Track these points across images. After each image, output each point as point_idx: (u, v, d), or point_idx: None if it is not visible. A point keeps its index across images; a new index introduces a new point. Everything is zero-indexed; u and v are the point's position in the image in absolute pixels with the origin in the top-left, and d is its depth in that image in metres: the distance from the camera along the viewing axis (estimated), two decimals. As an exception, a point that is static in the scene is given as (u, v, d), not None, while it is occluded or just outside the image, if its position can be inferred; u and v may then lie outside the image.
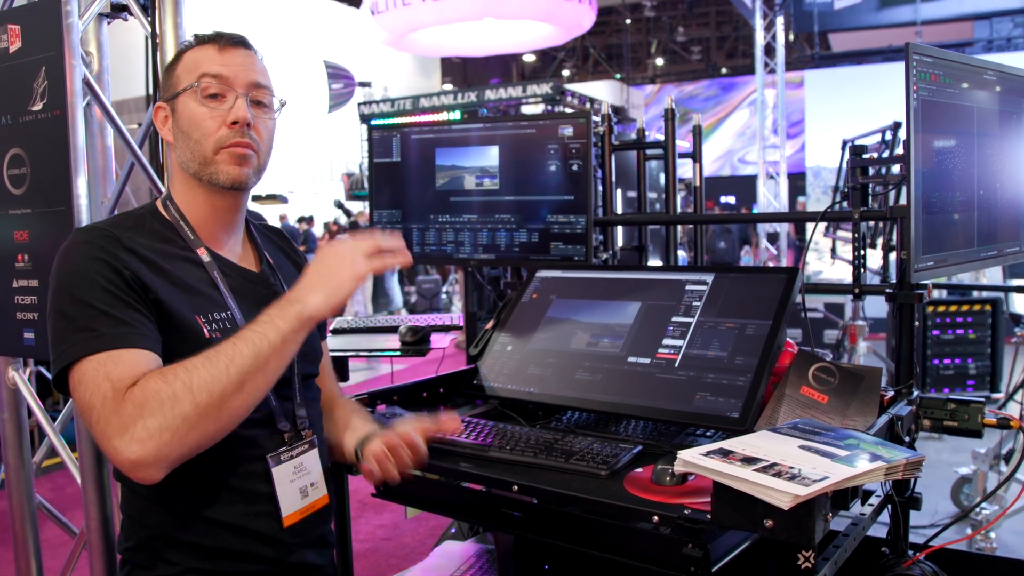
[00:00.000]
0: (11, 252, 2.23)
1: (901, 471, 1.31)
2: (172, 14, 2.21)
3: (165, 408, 1.25)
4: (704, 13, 29.66)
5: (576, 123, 2.28)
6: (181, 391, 1.26)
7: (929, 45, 1.88)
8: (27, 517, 2.50)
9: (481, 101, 13.99)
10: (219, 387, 1.28)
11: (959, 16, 17.08)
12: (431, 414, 1.65)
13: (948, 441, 5.36)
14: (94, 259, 1.38)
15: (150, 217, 1.54)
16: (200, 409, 1.27)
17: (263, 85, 1.55)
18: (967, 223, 2.04)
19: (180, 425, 1.26)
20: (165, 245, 1.50)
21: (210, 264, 1.52)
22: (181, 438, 1.26)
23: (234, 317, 1.50)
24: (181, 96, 1.51)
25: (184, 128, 1.51)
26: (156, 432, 1.25)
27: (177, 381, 1.27)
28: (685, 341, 1.80)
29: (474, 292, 2.98)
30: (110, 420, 1.26)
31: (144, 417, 1.25)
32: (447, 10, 12.22)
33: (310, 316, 1.38)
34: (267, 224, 1.80)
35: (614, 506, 1.42)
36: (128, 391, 1.27)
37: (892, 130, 4.56)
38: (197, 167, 1.51)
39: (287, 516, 1.52)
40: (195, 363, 1.30)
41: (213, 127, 1.49)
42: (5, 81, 2.21)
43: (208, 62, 1.51)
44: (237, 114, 1.49)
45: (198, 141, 1.50)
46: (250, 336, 1.34)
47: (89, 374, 1.30)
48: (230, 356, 1.31)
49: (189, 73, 1.51)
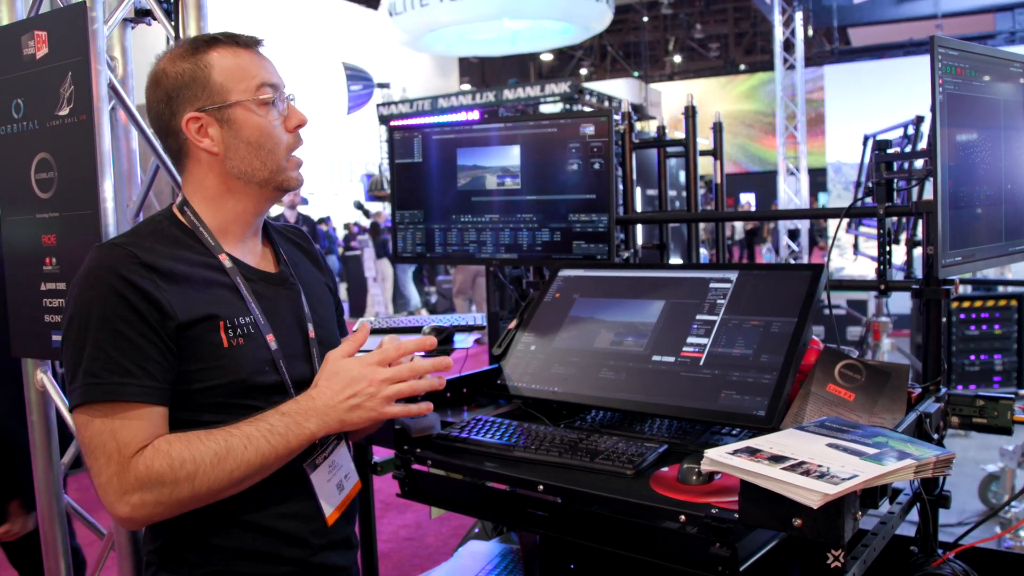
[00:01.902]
0: (39, 255, 2.25)
1: (931, 469, 1.30)
2: (195, 18, 2.22)
3: (165, 491, 1.33)
4: (722, 9, 29.56)
5: (597, 122, 2.28)
6: (184, 480, 1.34)
7: (953, 38, 1.87)
8: (56, 518, 2.52)
9: (499, 101, 14.00)
10: (220, 485, 1.37)
11: (980, 8, 16.93)
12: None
13: (975, 438, 5.31)
14: (109, 290, 1.37)
15: (168, 223, 1.53)
16: (197, 498, 1.37)
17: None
18: (994, 217, 2.02)
19: (174, 504, 1.36)
20: (185, 252, 1.49)
21: (232, 270, 1.51)
22: (172, 512, 1.37)
23: (256, 322, 1.49)
24: (236, 107, 1.49)
25: (251, 139, 1.50)
26: (151, 504, 1.34)
27: (183, 471, 1.34)
28: (710, 339, 1.79)
29: (496, 292, 2.97)
30: (112, 480, 1.34)
31: (143, 491, 1.33)
32: (465, 10, 12.25)
33: (321, 436, 1.44)
34: (280, 223, 1.81)
35: (640, 505, 1.42)
36: (133, 459, 1.33)
37: (915, 124, 4.52)
38: (268, 175, 1.52)
39: (330, 515, 1.53)
40: (204, 456, 1.35)
41: (281, 135, 1.53)
42: (32, 86, 2.23)
43: (257, 69, 1.52)
44: (300, 119, 1.54)
45: (271, 151, 1.51)
46: (262, 445, 1.38)
47: (96, 426, 1.35)
48: (238, 461, 1.36)
49: (239, 82, 1.49)
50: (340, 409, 1.41)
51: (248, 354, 1.46)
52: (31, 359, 2.46)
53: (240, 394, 1.45)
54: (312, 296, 1.66)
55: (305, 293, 1.63)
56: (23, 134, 2.27)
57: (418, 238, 2.58)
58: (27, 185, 2.27)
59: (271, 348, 1.49)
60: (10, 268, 2.39)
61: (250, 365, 1.45)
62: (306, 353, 1.57)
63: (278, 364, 1.49)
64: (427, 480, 1.79)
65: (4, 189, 2.35)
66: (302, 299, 1.61)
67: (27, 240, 2.29)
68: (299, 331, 1.58)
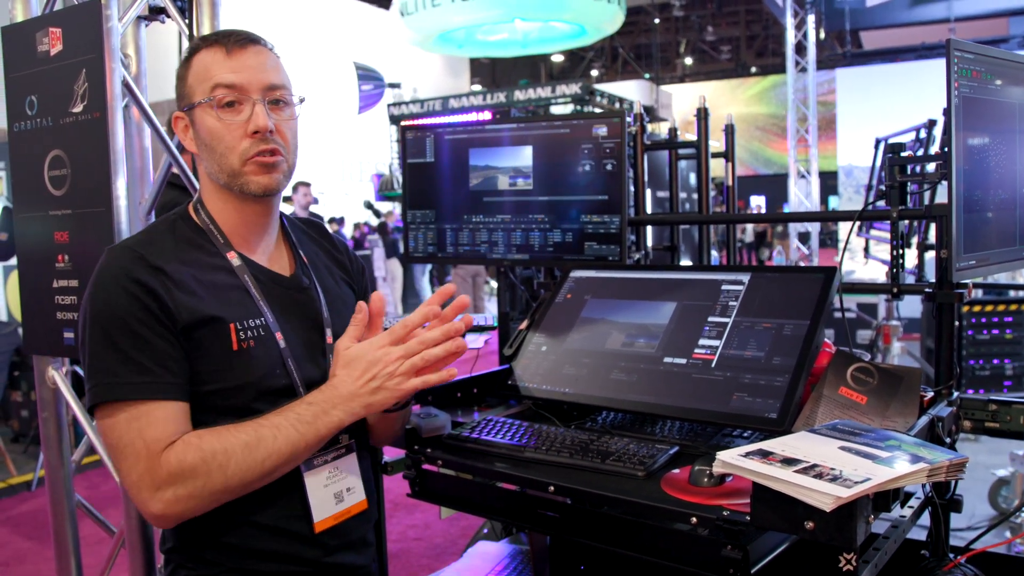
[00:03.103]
0: (52, 252, 2.26)
1: (944, 473, 1.30)
2: (209, 16, 2.23)
3: (199, 483, 1.34)
4: (733, 12, 29.51)
5: (610, 123, 2.27)
6: (216, 471, 1.34)
7: (969, 41, 1.86)
8: (67, 515, 2.53)
9: (510, 102, 14.00)
10: (252, 475, 1.37)
11: (994, 12, 16.85)
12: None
13: (985, 443, 5.28)
14: (123, 292, 1.37)
15: (181, 223, 1.53)
16: (229, 489, 1.37)
17: (278, 84, 1.50)
18: (1008, 221, 2.01)
19: (208, 497, 1.36)
20: (196, 252, 1.49)
21: (240, 268, 1.51)
22: (205, 505, 1.38)
23: (267, 323, 1.49)
24: (197, 109, 1.48)
25: (207, 142, 1.48)
26: (184, 499, 1.34)
27: (215, 463, 1.34)
28: (722, 341, 1.79)
29: (507, 292, 2.97)
30: (143, 477, 1.34)
31: (176, 485, 1.34)
32: (476, 11, 12.26)
33: (349, 423, 1.45)
34: (302, 218, 1.79)
35: (651, 507, 1.41)
36: (164, 454, 1.34)
37: (927, 128, 4.51)
38: (226, 179, 1.49)
39: (319, 521, 1.51)
40: (235, 447, 1.36)
41: (235, 139, 1.46)
42: (47, 83, 2.24)
43: (218, 69, 1.46)
44: (257, 123, 1.45)
45: (223, 155, 1.47)
46: (291, 434, 1.39)
47: (121, 425, 1.36)
48: (268, 451, 1.37)
49: (201, 83, 1.47)
50: (363, 394, 1.42)
51: (259, 356, 1.46)
52: (43, 356, 2.47)
53: (252, 396, 1.45)
54: (332, 298, 1.65)
55: (324, 296, 1.62)
56: (37, 131, 2.28)
57: (430, 238, 2.58)
58: (40, 182, 2.28)
59: (281, 347, 1.49)
60: (22, 265, 2.40)
61: (261, 368, 1.45)
62: (320, 355, 1.57)
63: (287, 364, 1.49)
64: (437, 480, 1.79)
65: (17, 186, 2.36)
66: (320, 303, 1.60)
67: (40, 237, 2.30)
68: (314, 334, 1.58)
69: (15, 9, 2.45)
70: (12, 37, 2.34)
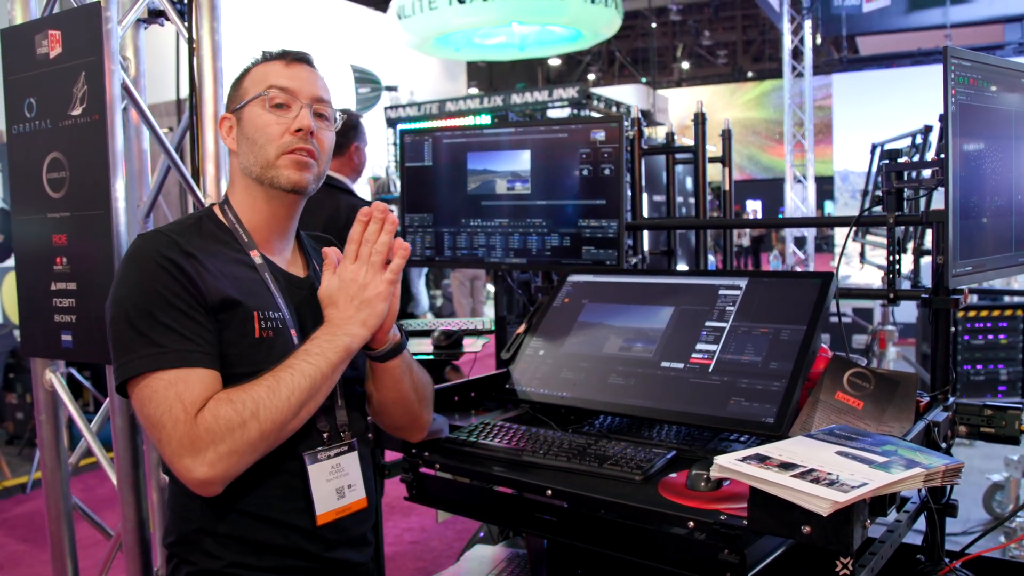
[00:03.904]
0: (50, 255, 2.26)
1: (940, 478, 1.30)
2: (209, 19, 2.23)
3: (236, 435, 1.36)
4: (730, 17, 29.58)
5: (608, 127, 2.28)
6: (250, 419, 1.37)
7: (966, 49, 1.87)
8: (63, 517, 2.53)
9: (507, 105, 14.00)
10: (282, 416, 1.40)
11: (989, 19, 16.87)
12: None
13: (979, 447, 5.30)
14: (160, 269, 1.43)
15: (207, 220, 1.60)
16: (265, 435, 1.39)
17: (325, 100, 1.62)
18: (1004, 228, 2.02)
19: (246, 449, 1.38)
20: (221, 247, 1.56)
21: (262, 266, 1.58)
22: (246, 460, 1.40)
23: (285, 318, 1.55)
24: (248, 105, 1.58)
25: (249, 134, 1.58)
26: (226, 455, 1.36)
27: (246, 410, 1.37)
28: (719, 346, 1.79)
29: (504, 296, 2.98)
30: (183, 442, 1.36)
31: (215, 443, 1.36)
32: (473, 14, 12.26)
33: (356, 347, 1.49)
34: (315, 234, 1.83)
35: (649, 511, 1.42)
36: (199, 415, 1.37)
37: (923, 134, 4.52)
38: (260, 171, 1.57)
39: (321, 515, 1.54)
40: (260, 393, 1.39)
41: (277, 133, 1.56)
42: (46, 86, 2.24)
43: (275, 75, 1.59)
44: (302, 122, 1.56)
45: (262, 146, 1.56)
46: (305, 367, 1.43)
47: (161, 392, 1.38)
48: (290, 387, 1.41)
49: (256, 85, 1.59)
50: (355, 316, 1.49)
51: (276, 348, 1.50)
52: (40, 358, 2.46)
53: None
54: None
55: None
56: (36, 133, 2.28)
57: (427, 241, 2.58)
58: (39, 184, 2.28)
59: (295, 343, 1.53)
60: (20, 267, 2.39)
61: (278, 359, 1.48)
62: None
63: None
64: (434, 483, 1.80)
65: (16, 188, 2.36)
66: None
67: (38, 239, 2.30)
68: None
69: (14, 11, 2.45)
70: (11, 39, 2.34)
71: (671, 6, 25.14)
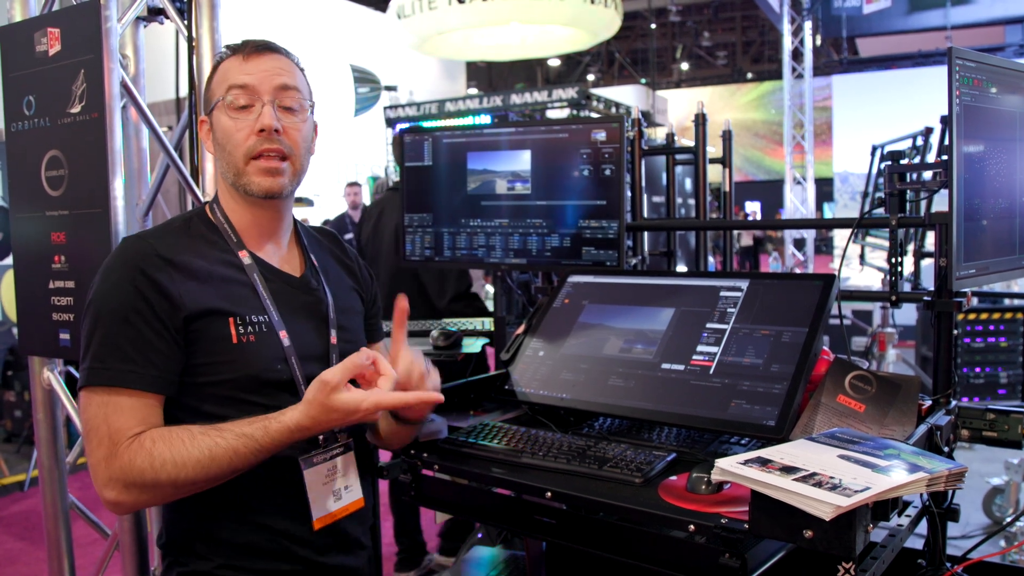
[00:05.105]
0: (48, 253, 2.25)
1: (943, 482, 1.30)
2: (208, 17, 2.22)
3: (147, 487, 1.37)
4: (730, 18, 29.56)
5: (609, 128, 2.27)
6: (165, 481, 1.37)
7: (970, 49, 1.86)
8: (60, 516, 2.52)
9: (507, 105, 13.98)
10: (202, 479, 1.39)
11: (990, 20, 16.88)
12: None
13: (979, 451, 5.29)
14: (127, 282, 1.42)
15: (197, 220, 1.59)
16: (178, 489, 1.39)
17: (290, 87, 1.55)
18: (1007, 230, 2.01)
19: (155, 496, 1.41)
20: (209, 248, 1.54)
21: (250, 267, 1.55)
22: (153, 503, 1.45)
23: (271, 321, 1.52)
24: (215, 110, 1.55)
25: (219, 140, 1.55)
26: (136, 494, 1.38)
27: (163, 471, 1.36)
28: (720, 348, 1.78)
29: (503, 297, 2.97)
30: (100, 464, 1.38)
31: (126, 485, 1.37)
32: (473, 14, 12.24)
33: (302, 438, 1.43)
34: (318, 227, 1.82)
35: (649, 514, 1.41)
36: (120, 448, 1.37)
37: (924, 135, 4.51)
38: (233, 178, 1.54)
39: (318, 519, 1.53)
40: (188, 461, 1.36)
41: (242, 138, 1.52)
42: (45, 83, 2.23)
43: (235, 73, 1.53)
44: (263, 122, 1.51)
45: (231, 152, 1.53)
46: (248, 457, 1.38)
47: (93, 409, 1.40)
48: (221, 470, 1.38)
49: (219, 86, 1.55)
50: (327, 422, 1.41)
51: (260, 351, 1.48)
52: (38, 356, 2.45)
53: (248, 389, 1.47)
54: (340, 304, 1.68)
55: (333, 300, 1.65)
56: (34, 131, 2.27)
57: (427, 241, 2.57)
58: (37, 182, 2.27)
59: (284, 345, 1.51)
60: (18, 266, 2.38)
61: (261, 362, 1.47)
62: (323, 356, 1.60)
63: (290, 361, 1.52)
64: (433, 485, 1.79)
65: (14, 186, 2.35)
66: (327, 305, 1.64)
67: (36, 238, 2.29)
68: (319, 333, 1.61)
69: (13, 9, 2.44)
70: (10, 37, 2.33)
71: (671, 7, 25.13)
